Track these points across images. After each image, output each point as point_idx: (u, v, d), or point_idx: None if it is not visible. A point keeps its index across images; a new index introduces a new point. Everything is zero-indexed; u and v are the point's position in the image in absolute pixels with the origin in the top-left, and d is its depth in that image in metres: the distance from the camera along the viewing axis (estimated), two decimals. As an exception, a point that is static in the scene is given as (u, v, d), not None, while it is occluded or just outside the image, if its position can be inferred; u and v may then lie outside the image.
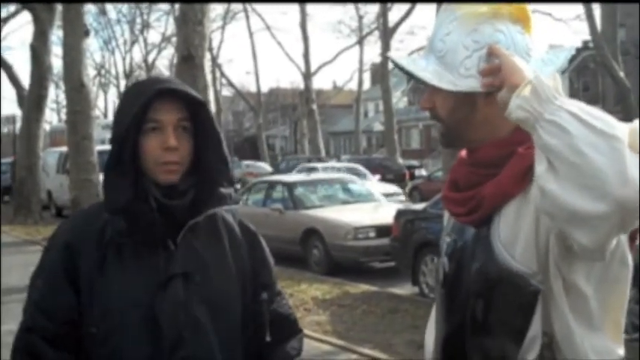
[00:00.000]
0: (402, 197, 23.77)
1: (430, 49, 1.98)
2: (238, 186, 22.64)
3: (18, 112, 30.23)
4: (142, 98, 2.06)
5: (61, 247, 2.12)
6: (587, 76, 48.92)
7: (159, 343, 2.06)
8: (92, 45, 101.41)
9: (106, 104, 77.08)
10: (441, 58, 1.94)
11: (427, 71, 1.94)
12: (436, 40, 1.96)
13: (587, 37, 27.89)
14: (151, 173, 2.11)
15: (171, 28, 55.07)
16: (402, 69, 1.98)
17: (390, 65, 42.22)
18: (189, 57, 11.65)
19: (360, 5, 50.74)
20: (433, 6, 9.66)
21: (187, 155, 2.14)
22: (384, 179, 29.45)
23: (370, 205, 15.23)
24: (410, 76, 1.98)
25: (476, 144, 1.98)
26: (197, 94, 2.17)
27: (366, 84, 64.41)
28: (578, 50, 47.41)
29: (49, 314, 2.07)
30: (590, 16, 25.99)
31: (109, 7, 53.38)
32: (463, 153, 2.06)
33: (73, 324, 2.08)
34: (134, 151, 2.09)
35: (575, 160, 1.56)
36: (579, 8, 28.79)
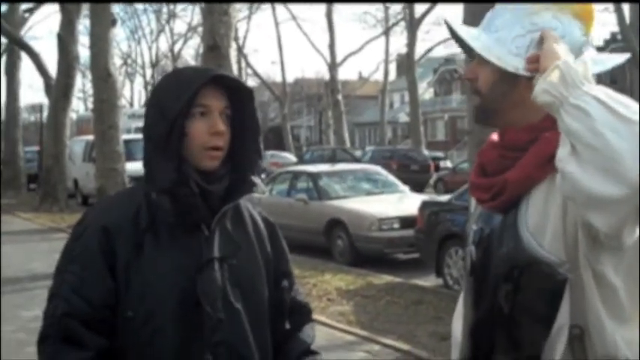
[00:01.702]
0: None
1: (487, 25, 1.99)
2: (263, 176, 22.71)
3: (45, 101, 30.36)
4: (195, 83, 2.10)
5: (97, 231, 2.11)
6: (614, 68, 48.35)
7: (196, 327, 2.08)
8: (119, 34, 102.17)
9: (132, 94, 77.71)
10: (495, 33, 1.95)
11: (479, 41, 1.95)
12: (494, 18, 1.98)
13: (615, 28, 27.63)
14: (194, 158, 2.13)
15: (197, 17, 55.25)
16: (454, 34, 1.99)
17: (417, 55, 42.24)
18: (215, 47, 11.65)
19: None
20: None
21: (228, 142, 2.18)
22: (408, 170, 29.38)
23: (395, 196, 15.19)
24: (460, 43, 2.00)
25: (508, 125, 1.98)
26: (246, 84, 2.22)
27: (392, 75, 63.95)
28: (606, 42, 47.04)
29: (88, 298, 2.06)
30: (618, 8, 25.75)
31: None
32: (494, 136, 2.07)
33: (111, 308, 2.08)
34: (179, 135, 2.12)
35: (596, 143, 1.58)
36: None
